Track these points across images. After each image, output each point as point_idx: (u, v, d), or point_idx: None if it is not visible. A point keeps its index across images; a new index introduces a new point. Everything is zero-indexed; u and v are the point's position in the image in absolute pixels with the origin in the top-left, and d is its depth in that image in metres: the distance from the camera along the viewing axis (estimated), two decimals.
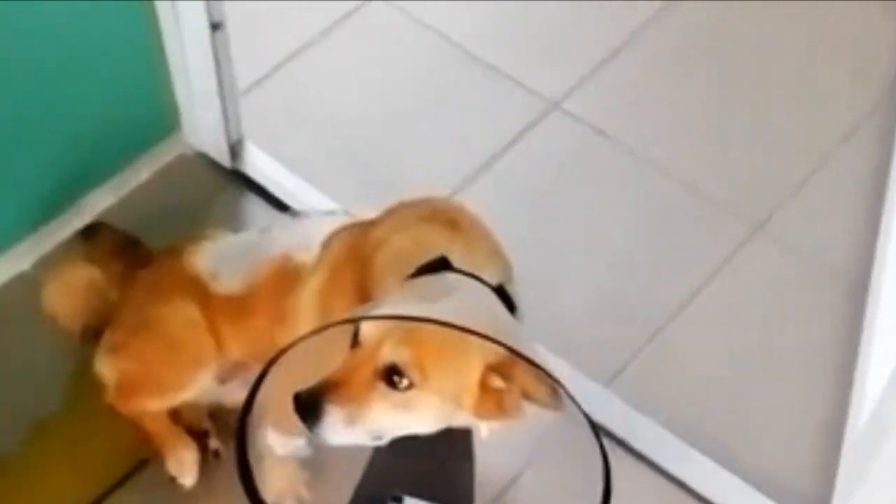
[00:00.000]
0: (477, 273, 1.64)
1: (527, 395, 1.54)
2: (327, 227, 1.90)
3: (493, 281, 1.66)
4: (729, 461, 2.19)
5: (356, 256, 1.79)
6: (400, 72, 2.70)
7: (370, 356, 1.53)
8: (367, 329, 1.54)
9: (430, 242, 1.69)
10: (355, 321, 1.55)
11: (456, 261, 1.65)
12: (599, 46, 2.73)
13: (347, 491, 1.68)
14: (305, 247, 1.89)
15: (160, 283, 2.07)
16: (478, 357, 1.53)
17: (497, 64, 2.69)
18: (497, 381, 1.54)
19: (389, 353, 1.52)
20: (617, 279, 2.42)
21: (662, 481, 2.17)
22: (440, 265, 1.64)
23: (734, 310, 2.39)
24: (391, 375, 1.52)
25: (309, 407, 1.54)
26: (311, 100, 2.63)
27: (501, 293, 1.65)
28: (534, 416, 1.54)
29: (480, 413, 1.57)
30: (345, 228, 1.88)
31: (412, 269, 1.64)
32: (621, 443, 2.19)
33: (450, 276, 1.63)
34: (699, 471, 2.18)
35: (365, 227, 1.84)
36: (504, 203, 2.45)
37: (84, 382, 2.15)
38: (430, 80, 2.68)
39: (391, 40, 2.74)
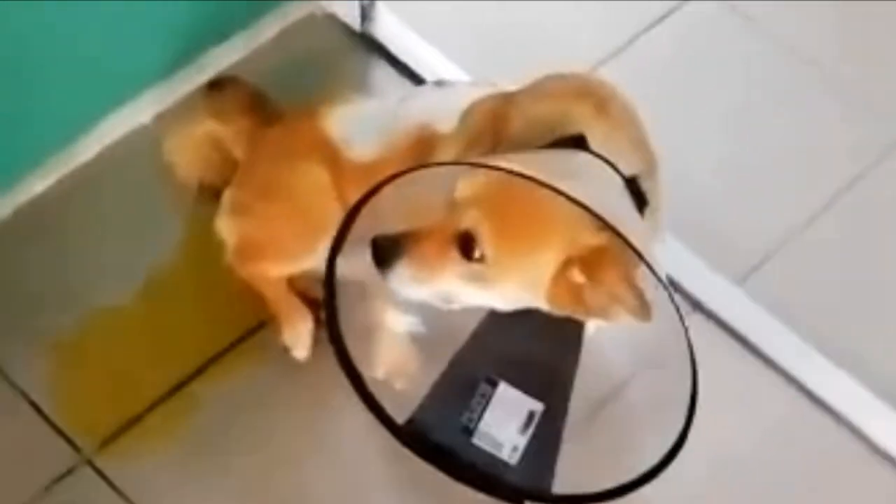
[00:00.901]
0: (613, 160, 1.56)
1: (614, 299, 1.49)
2: (468, 97, 1.81)
3: (629, 172, 1.58)
4: (857, 369, 2.12)
5: (496, 127, 1.71)
6: None
7: (454, 217, 1.50)
8: (463, 190, 1.51)
9: (573, 117, 1.61)
10: (444, 165, 1.53)
11: (595, 143, 1.57)
12: None
13: None
14: (445, 116, 1.81)
15: (291, 146, 2.01)
16: (562, 245, 1.49)
17: None
18: (577, 276, 1.49)
19: (470, 219, 1.49)
20: (759, 170, 2.34)
21: (792, 390, 2.11)
22: (576, 142, 1.57)
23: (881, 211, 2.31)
24: (466, 243, 1.49)
25: (383, 254, 1.55)
26: None
27: (633, 186, 1.58)
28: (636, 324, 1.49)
29: (556, 304, 1.53)
30: (487, 98, 1.79)
31: (548, 140, 1.58)
32: (748, 345, 2.13)
33: (581, 157, 1.56)
34: (828, 378, 2.12)
35: (509, 96, 1.75)
36: (641, 83, 2.34)
37: (200, 240, 2.11)
38: None
39: None
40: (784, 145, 2.38)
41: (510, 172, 1.39)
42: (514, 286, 1.53)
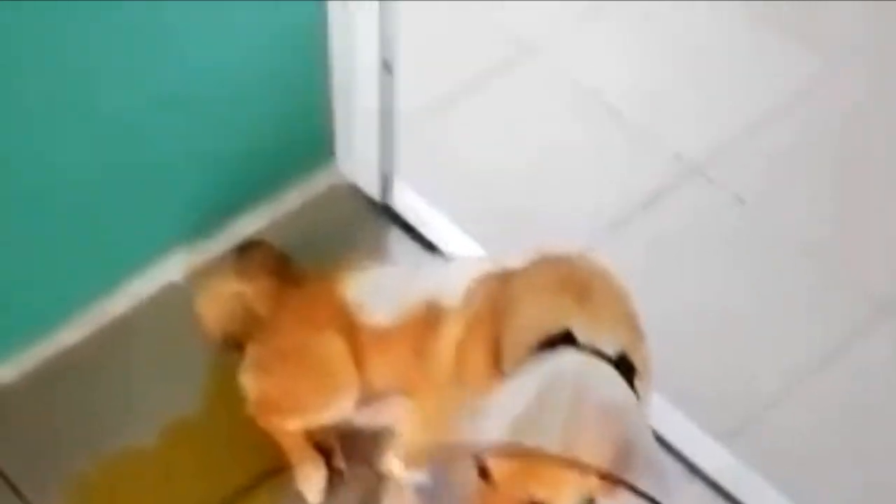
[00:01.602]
0: (598, 344, 1.74)
1: None
2: (472, 273, 1.98)
3: (615, 348, 1.75)
4: None
5: (493, 312, 1.88)
6: (552, 126, 2.77)
7: (509, 494, 1.63)
8: (498, 466, 1.64)
9: (559, 312, 1.79)
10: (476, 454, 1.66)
11: (580, 332, 1.75)
12: (749, 114, 2.79)
13: None
14: (450, 292, 1.97)
15: (310, 310, 2.15)
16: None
17: (645, 124, 2.76)
18: None
19: (534, 491, 1.62)
20: (740, 341, 2.46)
21: None
22: (564, 338, 1.75)
23: (859, 388, 2.40)
24: None
25: None
26: (463, 144, 2.72)
27: (622, 362, 1.74)
28: None
29: None
30: (487, 278, 1.95)
31: (539, 340, 1.75)
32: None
33: (567, 362, 1.72)
34: None
35: (504, 280, 1.92)
36: (639, 257, 2.51)
37: (223, 388, 2.25)
38: (579, 135, 2.75)
39: (546, 95, 2.82)
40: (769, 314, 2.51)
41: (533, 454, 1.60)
42: None
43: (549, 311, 1.80)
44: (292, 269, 2.30)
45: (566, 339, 1.75)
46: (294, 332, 2.16)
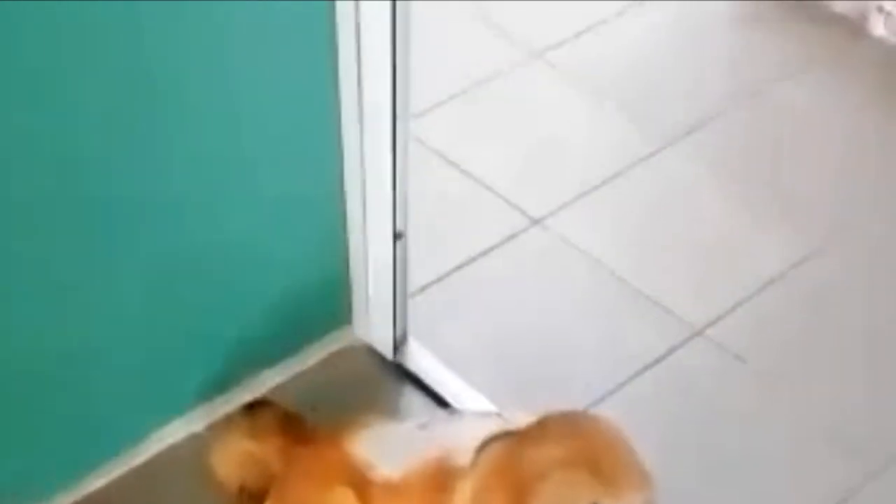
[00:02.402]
0: None
1: None
2: (481, 430, 2.04)
3: None
4: None
5: (506, 476, 1.94)
6: (556, 290, 2.91)
7: None
8: None
9: (577, 491, 1.87)
10: None
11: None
12: (749, 279, 2.92)
13: None
14: (460, 449, 2.03)
15: (321, 469, 2.19)
16: None
17: (645, 290, 2.89)
18: None
19: None
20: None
21: None
22: None
23: None
24: None
25: None
26: (473, 306, 2.84)
27: None
28: None
29: None
30: (496, 439, 2.01)
31: None
32: None
33: None
34: None
35: (515, 444, 1.98)
36: (643, 418, 2.58)
37: None
38: (582, 299, 2.89)
39: (549, 261, 2.96)
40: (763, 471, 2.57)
41: None
42: None
43: (571, 488, 1.87)
44: (302, 426, 2.35)
45: None
46: (304, 490, 2.21)
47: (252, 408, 2.43)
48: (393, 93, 2.28)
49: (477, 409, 2.52)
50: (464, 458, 2.02)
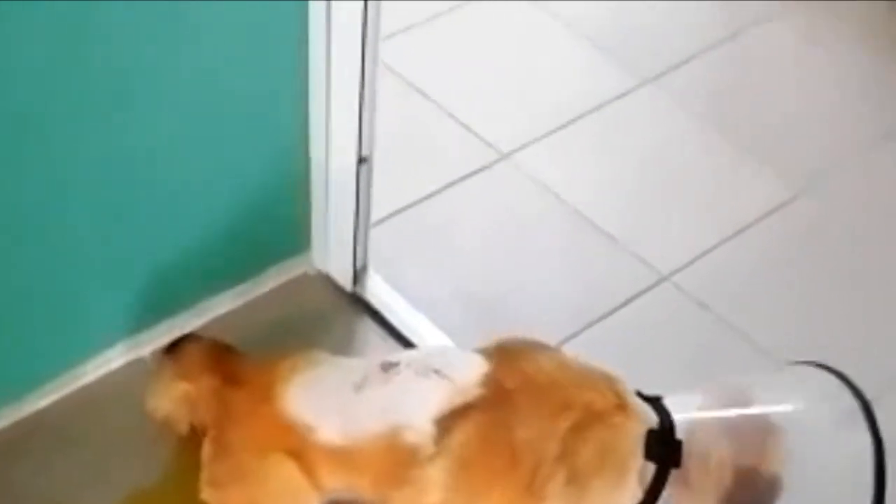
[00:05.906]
0: None
1: None
2: (423, 399, 1.95)
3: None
4: None
5: (493, 449, 1.92)
6: (522, 229, 2.83)
7: None
8: None
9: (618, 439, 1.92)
10: None
11: None
12: (726, 226, 2.86)
13: None
14: (414, 422, 1.94)
15: (256, 434, 2.08)
16: None
17: (614, 233, 2.82)
18: None
19: None
20: None
21: None
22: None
23: None
24: None
25: None
26: (436, 241, 2.76)
27: None
28: None
29: None
30: (458, 415, 1.93)
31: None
32: None
33: None
34: None
35: (489, 420, 1.92)
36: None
37: (183, 470, 2.22)
38: (550, 239, 2.82)
39: (519, 199, 2.89)
40: None
41: None
42: None
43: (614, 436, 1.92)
44: (234, 363, 2.20)
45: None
46: (241, 457, 2.09)
47: (174, 347, 2.29)
48: (364, 10, 2.18)
49: (413, 357, 2.17)
50: (416, 435, 1.93)
